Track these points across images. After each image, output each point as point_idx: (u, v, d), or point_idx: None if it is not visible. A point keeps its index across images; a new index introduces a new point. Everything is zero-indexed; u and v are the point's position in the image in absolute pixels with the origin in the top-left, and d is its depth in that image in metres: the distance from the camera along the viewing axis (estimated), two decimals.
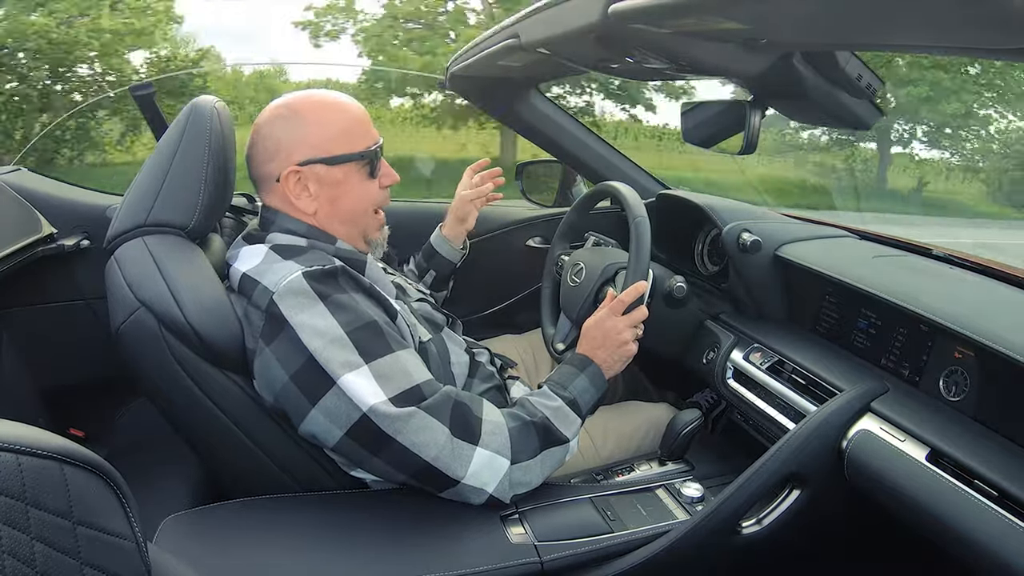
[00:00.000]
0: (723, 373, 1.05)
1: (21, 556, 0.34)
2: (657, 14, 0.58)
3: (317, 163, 0.83)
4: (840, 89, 0.80)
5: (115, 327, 0.78)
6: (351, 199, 0.86)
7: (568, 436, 0.82)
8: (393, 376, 0.74)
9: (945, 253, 1.04)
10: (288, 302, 0.75)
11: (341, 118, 0.85)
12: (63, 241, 1.18)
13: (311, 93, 0.87)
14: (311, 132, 0.83)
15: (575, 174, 1.54)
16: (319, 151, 0.83)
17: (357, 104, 0.88)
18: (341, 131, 0.84)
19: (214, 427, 0.79)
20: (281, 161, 0.83)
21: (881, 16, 0.50)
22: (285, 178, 0.83)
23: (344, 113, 0.85)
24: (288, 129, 0.83)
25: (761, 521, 0.80)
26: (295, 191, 0.83)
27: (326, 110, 0.85)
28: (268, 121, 0.85)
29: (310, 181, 0.83)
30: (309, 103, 0.85)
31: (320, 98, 0.86)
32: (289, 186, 0.83)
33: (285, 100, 0.86)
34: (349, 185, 0.86)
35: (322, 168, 0.83)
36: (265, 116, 0.85)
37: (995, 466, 0.66)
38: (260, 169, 0.85)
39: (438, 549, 0.72)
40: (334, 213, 0.86)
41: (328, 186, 0.84)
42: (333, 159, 0.84)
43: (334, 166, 0.84)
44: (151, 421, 0.89)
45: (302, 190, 0.84)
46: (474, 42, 1.10)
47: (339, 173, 0.85)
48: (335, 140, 0.84)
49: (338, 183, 0.85)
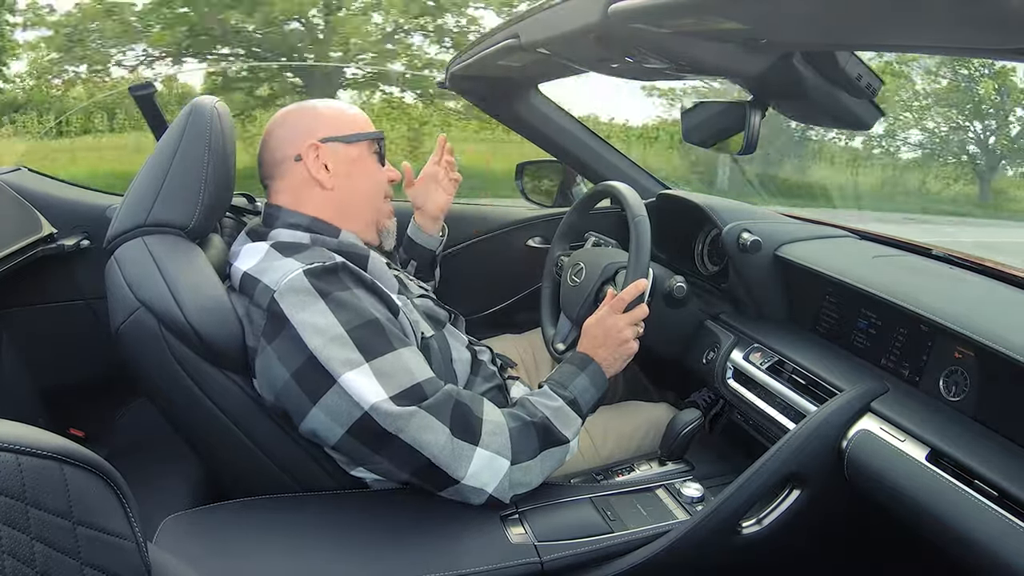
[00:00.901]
0: (723, 373, 1.05)
1: (21, 556, 0.34)
2: (657, 14, 0.58)
3: (336, 140, 0.90)
4: (840, 89, 0.80)
5: (115, 327, 0.78)
6: (365, 179, 0.93)
7: (568, 436, 0.82)
8: (394, 374, 0.74)
9: (945, 253, 1.04)
10: (289, 300, 0.75)
11: (346, 113, 0.94)
12: (63, 241, 1.18)
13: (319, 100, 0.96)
14: (328, 118, 0.91)
15: (575, 174, 1.53)
16: (337, 131, 0.90)
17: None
18: (353, 118, 0.93)
19: (214, 427, 0.79)
20: (301, 141, 0.89)
21: (881, 16, 0.50)
22: (306, 152, 0.88)
23: (351, 107, 0.95)
24: (306, 119, 0.91)
25: (761, 521, 0.80)
26: (315, 166, 0.88)
27: (334, 106, 0.94)
28: (283, 116, 0.92)
29: (328, 158, 0.89)
30: (319, 103, 0.93)
31: (328, 100, 0.95)
32: (309, 160, 0.88)
33: (297, 103, 0.94)
34: (363, 165, 0.92)
35: (340, 146, 0.90)
36: (279, 114, 0.93)
37: (995, 466, 0.66)
38: (277, 153, 0.90)
39: (438, 549, 0.72)
40: (350, 190, 0.91)
41: (345, 163, 0.90)
42: (350, 137, 0.91)
43: (351, 144, 0.91)
44: (151, 421, 0.89)
45: (321, 166, 0.89)
46: (474, 42, 1.10)
47: (355, 151, 0.91)
48: (348, 124, 0.92)
49: (354, 161, 0.91)
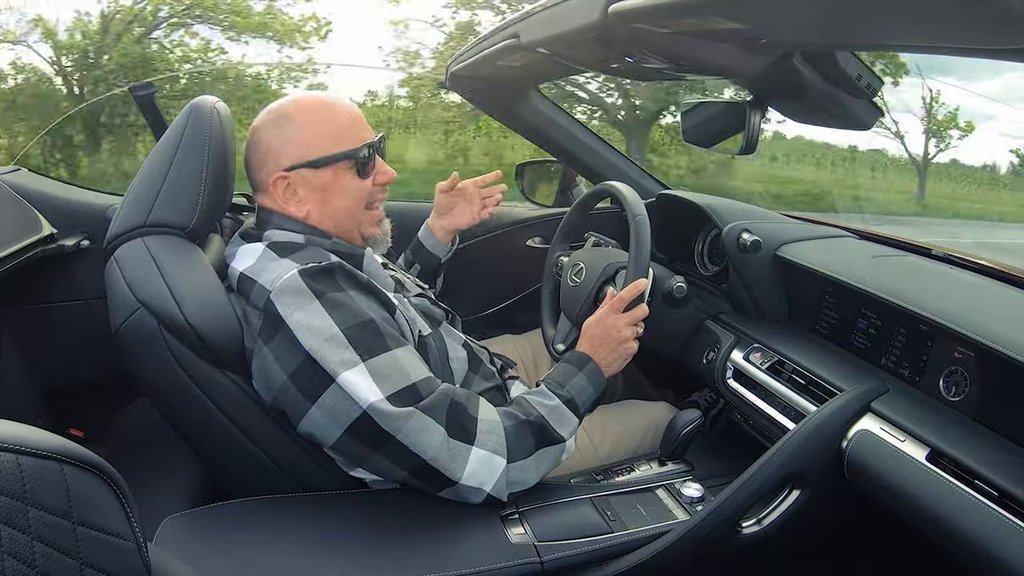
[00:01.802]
0: (723, 373, 1.05)
1: (21, 556, 0.34)
2: (657, 14, 0.58)
3: (304, 167, 0.83)
4: (840, 89, 0.80)
5: (115, 327, 0.78)
6: (342, 199, 0.86)
7: (564, 436, 0.82)
8: (390, 375, 0.74)
9: (945, 253, 1.04)
10: (285, 300, 0.75)
11: (328, 119, 0.85)
12: (63, 241, 1.18)
13: (304, 95, 0.88)
14: (298, 136, 0.83)
15: (575, 174, 1.53)
16: (306, 154, 0.83)
17: (349, 104, 0.88)
18: (328, 133, 0.84)
19: (214, 427, 0.79)
20: (270, 168, 0.84)
21: (881, 16, 0.50)
22: (273, 184, 0.83)
23: (332, 114, 0.85)
24: (277, 134, 0.84)
25: (761, 521, 0.80)
26: (284, 196, 0.84)
27: (315, 112, 0.85)
28: (260, 126, 0.85)
29: (299, 186, 0.84)
30: (299, 106, 0.85)
31: (311, 100, 0.86)
32: (278, 192, 0.84)
33: (279, 103, 0.86)
34: (339, 186, 0.85)
35: (309, 172, 0.83)
36: (258, 121, 0.86)
37: (995, 466, 0.66)
38: (253, 176, 0.87)
39: (438, 549, 0.72)
40: (326, 213, 0.86)
41: (317, 190, 0.84)
42: (319, 161, 0.83)
43: (321, 168, 0.84)
44: (151, 421, 0.89)
45: (291, 196, 0.84)
46: (474, 42, 1.10)
47: (327, 175, 0.84)
48: (322, 142, 0.83)
49: (326, 186, 0.85)
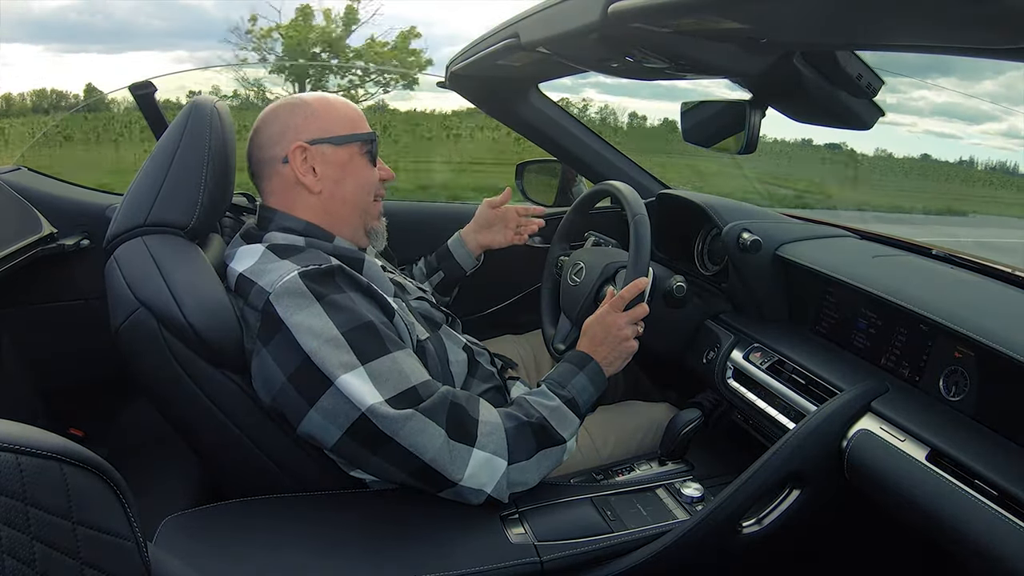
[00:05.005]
0: (723, 373, 1.05)
1: (21, 556, 0.34)
2: (657, 14, 0.58)
3: (324, 143, 0.87)
4: (840, 89, 0.80)
5: (115, 327, 0.78)
6: (354, 182, 0.90)
7: (565, 436, 0.82)
8: (389, 378, 0.74)
9: (945, 253, 1.04)
10: (284, 302, 0.75)
11: (344, 107, 0.91)
12: (63, 241, 1.18)
13: (312, 92, 0.92)
14: (318, 116, 0.88)
15: (575, 174, 1.53)
16: (327, 131, 0.87)
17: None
18: (345, 116, 0.90)
19: (214, 427, 0.79)
20: (288, 140, 0.86)
21: (881, 16, 0.50)
22: (292, 153, 0.86)
23: (346, 105, 0.92)
24: (295, 114, 0.88)
25: (761, 521, 0.80)
26: (302, 169, 0.86)
27: (330, 101, 0.90)
28: (273, 110, 0.89)
29: (316, 161, 0.87)
30: (313, 96, 0.90)
31: (322, 93, 0.91)
32: (296, 163, 0.86)
33: (288, 96, 0.91)
34: (353, 168, 0.90)
35: (329, 148, 0.87)
36: (270, 108, 0.90)
37: (995, 466, 0.66)
38: (265, 152, 0.88)
39: (438, 549, 0.72)
40: (337, 196, 0.89)
41: (334, 166, 0.88)
42: (339, 139, 0.88)
43: (340, 146, 0.88)
44: (151, 421, 0.89)
45: (308, 169, 0.87)
46: (474, 41, 1.10)
47: (344, 154, 0.89)
48: (340, 123, 0.88)
49: (343, 164, 0.89)
